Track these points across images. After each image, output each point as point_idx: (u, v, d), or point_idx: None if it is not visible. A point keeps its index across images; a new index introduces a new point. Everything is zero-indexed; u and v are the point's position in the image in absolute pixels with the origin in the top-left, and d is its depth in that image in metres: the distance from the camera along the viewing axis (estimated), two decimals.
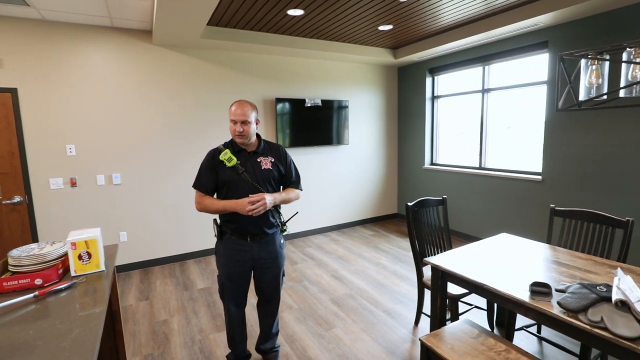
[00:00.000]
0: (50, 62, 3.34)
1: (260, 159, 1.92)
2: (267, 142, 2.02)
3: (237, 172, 1.84)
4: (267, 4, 3.04)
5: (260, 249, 1.94)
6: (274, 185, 1.95)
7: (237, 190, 1.83)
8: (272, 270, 2.01)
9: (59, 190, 3.51)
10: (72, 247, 1.68)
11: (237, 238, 1.91)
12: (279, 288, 2.08)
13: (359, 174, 5.34)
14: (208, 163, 1.90)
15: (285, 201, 1.95)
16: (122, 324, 2.81)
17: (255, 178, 1.86)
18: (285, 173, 2.00)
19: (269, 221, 1.93)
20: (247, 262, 1.94)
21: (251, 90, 4.33)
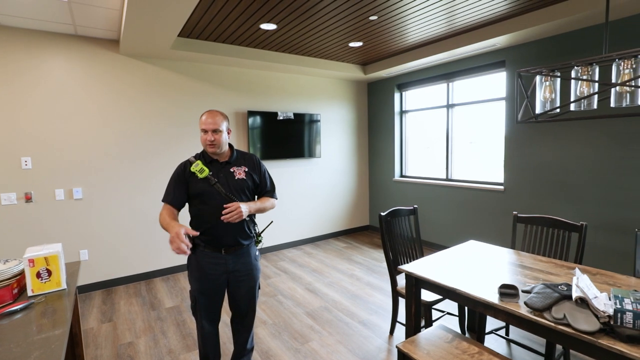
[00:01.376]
0: (9, 70, 3.14)
1: (234, 169, 1.89)
2: (240, 151, 2.00)
3: (209, 184, 1.80)
4: (240, 17, 3.06)
5: (235, 261, 1.89)
6: (249, 195, 1.92)
7: (211, 201, 1.79)
8: (248, 283, 1.96)
9: (11, 206, 3.25)
10: (29, 265, 1.56)
11: (211, 251, 1.85)
12: (254, 302, 2.03)
13: (331, 187, 5.39)
14: (178, 176, 1.84)
15: (260, 210, 1.92)
16: (83, 349, 2.62)
17: (229, 188, 1.83)
18: (259, 182, 1.98)
19: (245, 232, 1.89)
20: (221, 276, 1.87)
21: (223, 102, 4.30)
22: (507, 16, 3.19)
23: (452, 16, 3.15)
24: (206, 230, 1.82)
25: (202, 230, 1.83)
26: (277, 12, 2.96)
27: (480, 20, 3.27)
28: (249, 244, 1.94)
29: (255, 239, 2.00)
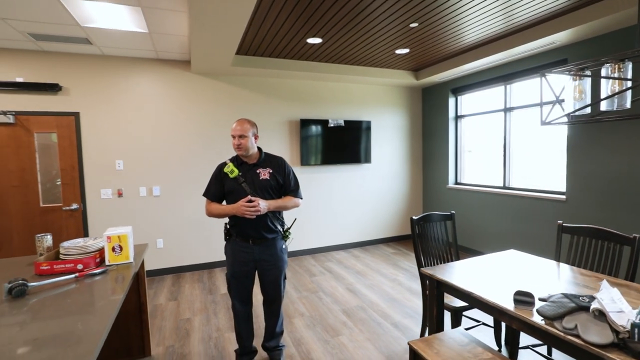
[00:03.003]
0: (107, 89, 3.92)
1: (259, 170, 2.16)
2: (268, 155, 2.26)
3: (238, 183, 2.10)
4: (288, 35, 3.38)
5: (261, 251, 2.15)
6: (272, 193, 2.17)
7: (238, 198, 2.07)
8: (273, 272, 2.20)
9: (108, 200, 4.01)
10: (107, 240, 2.01)
11: (241, 240, 2.14)
12: (279, 290, 2.26)
13: (382, 193, 5.43)
14: (216, 175, 2.19)
15: (281, 207, 2.15)
16: (152, 319, 3.13)
17: (254, 187, 2.10)
18: (284, 183, 2.21)
19: (268, 226, 2.13)
20: (249, 263, 2.15)
21: (277, 112, 4.69)
22: (568, 9, 2.96)
23: (509, 12, 3.00)
24: (236, 223, 2.12)
25: (233, 223, 2.13)
26: (320, 27, 3.21)
27: (539, 15, 3.07)
28: (274, 237, 2.18)
29: (281, 234, 2.23)
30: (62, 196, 3.85)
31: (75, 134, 3.84)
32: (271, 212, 2.13)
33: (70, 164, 3.85)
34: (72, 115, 3.81)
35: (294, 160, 4.81)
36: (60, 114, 3.77)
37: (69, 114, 3.80)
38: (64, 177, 3.83)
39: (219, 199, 2.18)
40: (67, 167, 3.84)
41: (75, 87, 3.80)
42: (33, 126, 3.69)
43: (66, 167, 3.84)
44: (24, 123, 3.65)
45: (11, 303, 1.50)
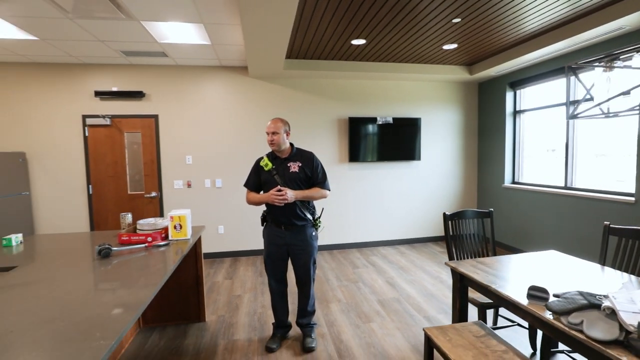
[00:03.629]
0: (180, 94, 4.55)
1: (290, 164, 2.41)
2: (299, 150, 2.50)
3: (271, 175, 2.38)
4: (332, 39, 3.60)
5: (292, 237, 2.41)
6: (301, 185, 2.40)
7: (271, 188, 2.34)
8: (303, 256, 2.44)
9: (179, 189, 4.66)
10: (170, 220, 2.45)
11: (274, 226, 2.43)
12: (309, 273, 2.49)
13: (432, 191, 5.36)
14: (254, 168, 2.50)
15: (308, 197, 2.39)
16: (209, 293, 3.61)
17: (284, 179, 2.36)
18: (312, 175, 2.44)
19: (297, 214, 2.38)
20: (282, 247, 2.43)
21: (327, 111, 4.93)
22: None
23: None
24: (270, 210, 2.41)
25: (268, 210, 2.42)
26: (362, 29, 3.36)
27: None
28: (303, 224, 2.42)
29: (311, 222, 2.46)
30: (144, 185, 4.58)
31: (155, 133, 4.54)
32: (300, 201, 2.38)
33: (151, 158, 4.56)
34: (152, 117, 4.51)
35: (342, 157, 5.01)
36: (144, 117, 4.49)
37: (150, 116, 4.51)
38: (145, 170, 4.56)
39: (257, 189, 2.49)
40: (148, 161, 4.56)
41: (155, 93, 4.50)
42: (123, 127, 4.47)
43: (147, 161, 4.56)
44: (117, 124, 4.44)
45: (100, 261, 1.98)
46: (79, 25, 3.10)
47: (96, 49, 3.77)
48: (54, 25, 3.08)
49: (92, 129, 4.41)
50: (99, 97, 4.35)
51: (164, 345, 2.60)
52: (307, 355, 2.44)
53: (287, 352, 2.49)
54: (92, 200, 4.48)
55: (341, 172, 5.05)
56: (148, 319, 2.92)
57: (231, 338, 2.69)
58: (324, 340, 2.64)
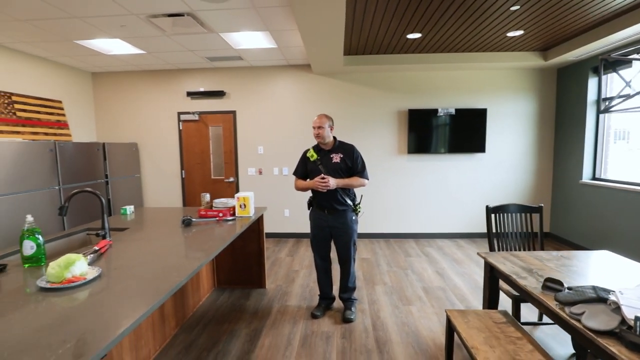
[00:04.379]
0: (254, 92, 5.16)
1: (333, 155, 2.70)
2: (342, 143, 2.77)
3: (316, 165, 2.71)
4: (387, 35, 3.74)
5: (334, 220, 2.73)
6: (342, 174, 2.68)
7: (315, 176, 2.67)
8: (344, 238, 2.75)
9: (252, 176, 5.32)
10: (237, 200, 2.98)
11: (319, 210, 2.78)
12: (349, 253, 2.79)
13: (498, 184, 5.12)
14: (301, 159, 2.86)
15: (348, 185, 2.66)
16: (272, 266, 4.15)
17: (327, 168, 2.67)
18: (352, 165, 2.70)
19: (338, 200, 2.68)
20: (325, 228, 2.77)
21: (386, 103, 5.06)
22: None
23: None
24: (315, 196, 2.76)
25: (313, 196, 2.77)
26: (416, 23, 3.45)
27: None
28: (344, 209, 2.71)
29: (352, 207, 2.74)
30: (224, 171, 5.35)
31: (233, 127, 5.24)
32: (341, 188, 2.67)
33: (229, 148, 5.29)
34: (231, 113, 5.22)
35: (401, 148, 5.11)
36: (224, 112, 5.22)
37: (229, 112, 5.22)
38: (225, 158, 5.31)
39: (304, 177, 2.86)
40: (227, 150, 5.30)
41: (233, 92, 5.18)
42: (208, 121, 5.26)
43: (227, 151, 5.30)
44: (203, 120, 5.25)
45: (183, 228, 2.57)
46: (174, 40, 3.81)
47: (187, 57, 4.53)
48: (156, 41, 3.85)
49: (185, 123, 5.29)
50: (190, 97, 5.20)
51: (230, 303, 3.19)
52: (345, 325, 2.76)
53: (329, 320, 2.85)
54: (184, 182, 5.41)
55: (400, 164, 5.16)
56: (221, 281, 3.56)
57: (284, 303, 3.16)
58: (363, 315, 2.93)
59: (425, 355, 2.36)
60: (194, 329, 2.73)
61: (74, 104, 4.97)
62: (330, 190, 2.65)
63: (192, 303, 3.03)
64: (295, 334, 2.63)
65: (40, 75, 4.42)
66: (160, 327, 2.48)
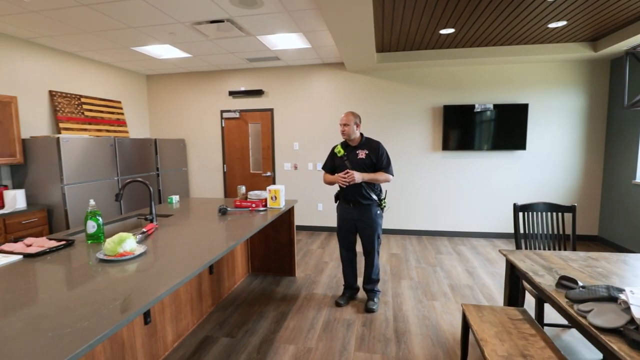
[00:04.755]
0: (290, 90, 5.38)
1: (358, 151, 2.81)
2: (368, 139, 2.86)
3: (342, 160, 2.83)
4: (419, 31, 3.74)
5: (359, 213, 2.84)
6: (367, 169, 2.77)
7: (341, 171, 2.79)
8: (368, 231, 2.85)
9: (288, 171, 5.57)
10: (268, 192, 3.20)
11: (345, 203, 2.90)
12: (373, 246, 2.89)
13: (540, 183, 4.88)
14: (329, 154, 2.99)
15: (372, 179, 2.75)
16: (303, 257, 4.36)
17: (352, 164, 2.78)
18: (377, 161, 2.78)
19: (363, 194, 2.78)
20: (350, 221, 2.89)
21: (420, 99, 5.02)
22: None
23: None
24: (341, 190, 2.88)
25: (339, 190, 2.90)
26: (447, 18, 3.42)
27: None
28: (368, 203, 2.81)
29: (377, 202, 2.84)
30: (262, 166, 5.65)
31: (271, 124, 5.51)
32: (366, 182, 2.78)
33: (267, 144, 5.57)
34: (269, 110, 5.49)
35: (435, 145, 5.06)
36: (263, 110, 5.50)
37: (267, 110, 5.49)
38: (263, 154, 5.61)
39: (331, 172, 2.99)
40: (265, 146, 5.59)
41: (271, 90, 5.44)
42: (248, 119, 5.58)
43: (265, 147, 5.59)
44: (243, 117, 5.58)
45: (220, 216, 2.83)
46: (216, 44, 4.12)
47: (229, 59, 4.85)
48: (201, 45, 4.19)
49: (227, 121, 5.66)
50: (231, 96, 5.55)
51: (262, 288, 3.43)
52: (367, 314, 2.88)
53: (351, 309, 2.98)
54: (225, 176, 5.80)
55: (434, 160, 5.10)
56: (255, 268, 3.83)
57: (311, 291, 3.34)
58: (386, 307, 3.02)
59: (443, 349, 2.41)
60: (227, 309, 3.00)
61: (131, 104, 5.53)
62: (356, 185, 2.77)
63: (228, 285, 3.32)
64: (318, 319, 2.80)
65: (103, 78, 5.00)
66: (198, 305, 2.78)
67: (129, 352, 2.01)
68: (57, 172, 3.63)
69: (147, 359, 2.16)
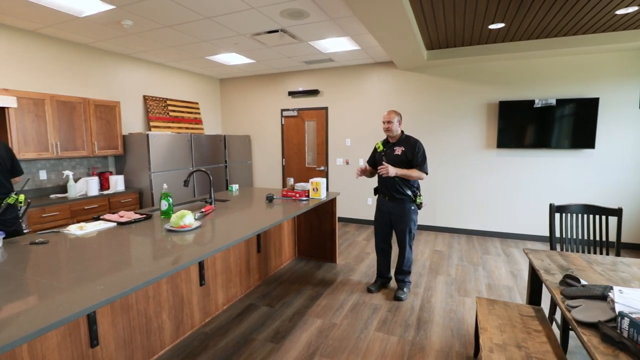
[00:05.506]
0: (344, 89, 5.66)
1: (396, 148, 2.97)
2: (407, 136, 3.01)
3: (381, 155, 3.03)
4: (466, 27, 3.71)
5: (393, 207, 3.02)
6: (401, 165, 2.93)
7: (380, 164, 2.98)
8: (401, 225, 3.02)
9: (340, 166, 5.88)
10: (310, 184, 3.56)
11: (382, 196, 3.11)
12: (405, 239, 3.04)
13: (612, 185, 4.41)
14: (373, 150, 3.21)
15: (406, 175, 2.90)
16: (347, 247, 4.65)
17: (388, 159, 2.96)
18: (412, 158, 2.92)
19: (396, 189, 2.96)
20: (385, 213, 3.09)
21: (474, 95, 4.89)
22: None
23: None
24: (379, 184, 3.12)
25: (377, 184, 3.12)
26: (494, 13, 3.36)
27: None
28: (402, 198, 2.97)
29: (411, 198, 2.98)
30: (317, 161, 6.05)
31: (325, 121, 5.87)
32: (399, 178, 2.94)
33: (321, 141, 5.95)
34: (323, 109, 5.85)
35: (489, 142, 4.89)
36: (318, 109, 5.88)
37: (322, 108, 5.85)
38: (317, 149, 6.00)
39: (373, 166, 3.21)
40: (319, 143, 5.97)
41: (327, 90, 5.78)
42: (305, 117, 6.01)
43: (319, 143, 5.97)
44: (301, 115, 6.03)
45: (267, 203, 3.28)
46: (274, 50, 4.60)
47: (287, 62, 5.32)
48: (261, 52, 4.71)
49: (286, 119, 6.17)
50: (290, 96, 6.03)
51: (304, 270, 3.82)
52: (394, 302, 3.07)
53: (381, 295, 3.19)
54: (284, 169, 6.33)
55: (487, 158, 4.94)
56: (301, 252, 4.24)
57: (347, 277, 3.62)
58: (415, 297, 3.16)
59: (460, 340, 2.51)
60: (272, 284, 3.45)
61: (207, 105, 6.37)
62: (390, 180, 2.97)
63: (275, 265, 3.77)
64: (348, 301, 3.08)
65: (184, 83, 5.87)
66: (247, 277, 3.27)
67: (187, 305, 2.55)
68: (147, 162, 4.47)
69: (201, 313, 2.69)
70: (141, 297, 2.16)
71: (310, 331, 2.62)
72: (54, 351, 1.70)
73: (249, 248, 3.29)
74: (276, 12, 3.28)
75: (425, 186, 5.30)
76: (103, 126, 4.24)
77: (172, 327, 2.41)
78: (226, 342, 2.48)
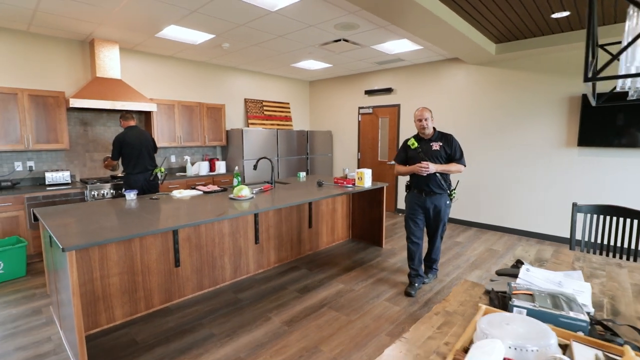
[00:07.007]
0: (415, 86, 5.86)
1: (432, 144, 3.09)
2: (440, 132, 3.12)
3: (416, 152, 3.14)
4: (526, 19, 3.60)
5: (429, 202, 3.15)
6: (441, 160, 3.06)
7: (415, 162, 3.13)
8: (437, 219, 3.17)
9: None
10: (356, 174, 4.09)
11: (417, 192, 3.22)
12: (439, 232, 3.22)
13: None
14: (402, 147, 3.35)
15: (445, 170, 3.02)
16: (395, 234, 4.99)
17: (427, 155, 3.08)
18: (450, 153, 3.05)
19: (436, 183, 3.08)
20: (419, 209, 3.20)
21: (551, 88, 4.49)
22: None
23: None
24: (415, 180, 3.22)
25: (412, 180, 3.26)
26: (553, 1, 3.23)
27: None
28: (439, 193, 3.10)
29: (447, 192, 3.14)
30: (388, 155, 6.42)
31: (397, 118, 6.18)
32: (439, 173, 3.08)
33: (393, 136, 6.28)
34: (396, 106, 6.16)
35: (569, 140, 4.46)
36: (391, 106, 6.23)
37: (394, 105, 6.18)
38: (389, 144, 6.36)
39: (403, 163, 3.34)
40: (391, 138, 6.31)
41: (399, 87, 6.08)
42: (379, 114, 6.43)
43: (391, 138, 6.32)
44: (375, 112, 6.47)
45: (317, 187, 3.96)
46: (344, 55, 5.21)
47: (360, 64, 5.85)
48: (334, 57, 5.37)
49: (362, 116, 6.70)
50: (367, 95, 6.53)
51: (352, 249, 4.38)
52: None
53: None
54: (359, 162, 6.89)
55: (566, 158, 4.51)
56: (354, 234, 4.79)
57: (385, 259, 4.04)
58: (438, 283, 3.40)
59: None
60: (319, 256, 4.14)
61: (297, 104, 7.40)
62: (430, 175, 3.04)
63: (327, 241, 4.45)
64: (374, 276, 3.54)
65: (277, 87, 6.99)
66: (297, 246, 4.04)
67: (244, 256, 3.46)
68: (241, 152, 5.68)
69: (255, 265, 3.58)
70: (209, 242, 3.14)
71: (330, 291, 3.22)
72: (154, 262, 2.77)
73: (300, 223, 4.05)
74: (330, 26, 3.89)
75: (494, 185, 5.15)
76: (212, 123, 5.61)
77: (231, 269, 3.35)
78: (267, 286, 3.30)
